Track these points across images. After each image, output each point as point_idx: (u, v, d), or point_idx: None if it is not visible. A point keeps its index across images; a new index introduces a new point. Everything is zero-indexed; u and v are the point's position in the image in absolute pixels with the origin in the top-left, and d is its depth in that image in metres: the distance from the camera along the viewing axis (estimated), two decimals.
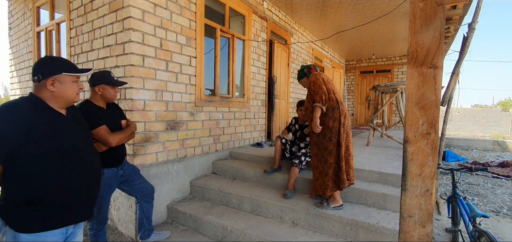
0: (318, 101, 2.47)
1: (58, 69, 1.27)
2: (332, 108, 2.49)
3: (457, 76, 2.90)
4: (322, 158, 2.51)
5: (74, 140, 1.32)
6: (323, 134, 2.48)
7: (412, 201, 1.31)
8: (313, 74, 2.68)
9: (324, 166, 2.49)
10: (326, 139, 2.47)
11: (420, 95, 1.27)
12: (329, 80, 2.63)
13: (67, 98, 1.31)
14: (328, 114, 2.48)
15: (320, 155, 2.52)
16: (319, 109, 2.47)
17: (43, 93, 1.25)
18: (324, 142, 2.48)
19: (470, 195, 4.43)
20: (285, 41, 5.38)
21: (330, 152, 2.46)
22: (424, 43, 1.26)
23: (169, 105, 2.98)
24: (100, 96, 2.07)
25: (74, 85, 1.32)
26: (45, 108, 1.25)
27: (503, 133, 13.43)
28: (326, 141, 2.47)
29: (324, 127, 2.47)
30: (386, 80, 9.21)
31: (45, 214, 1.21)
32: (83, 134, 1.41)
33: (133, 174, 2.35)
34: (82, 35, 3.20)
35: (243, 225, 2.57)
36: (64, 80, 1.28)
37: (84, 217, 1.40)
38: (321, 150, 2.50)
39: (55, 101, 1.28)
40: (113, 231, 3.01)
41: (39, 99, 1.25)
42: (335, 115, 2.47)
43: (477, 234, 2.18)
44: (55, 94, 1.26)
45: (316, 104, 2.48)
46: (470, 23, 2.73)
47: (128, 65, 2.58)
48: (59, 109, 1.30)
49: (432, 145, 1.25)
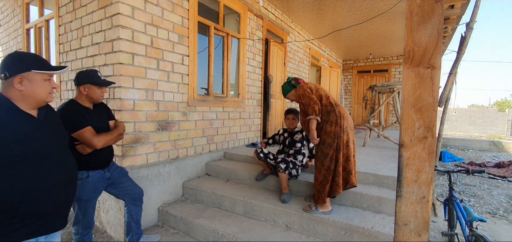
0: (311, 113, 2.40)
1: (28, 66, 1.17)
2: (327, 112, 2.41)
3: (454, 76, 2.85)
4: (322, 165, 2.40)
5: (45, 144, 1.22)
6: (322, 141, 2.40)
7: (407, 209, 1.25)
8: (300, 87, 2.57)
9: (325, 173, 2.38)
10: (325, 145, 2.37)
11: (416, 97, 1.21)
12: (318, 87, 2.56)
13: (37, 98, 1.21)
14: (324, 119, 2.41)
15: (320, 163, 2.41)
16: (314, 121, 2.40)
17: (10, 92, 1.15)
18: (324, 149, 2.37)
19: (467, 196, 4.40)
20: (282, 40, 5.31)
21: (331, 158, 2.36)
22: (421, 42, 1.19)
23: (161, 104, 2.90)
24: (85, 96, 1.98)
25: (45, 84, 1.22)
26: (12, 109, 1.15)
27: (499, 133, 13.49)
28: (326, 148, 2.36)
29: (322, 133, 2.39)
30: (383, 80, 9.17)
31: (12, 225, 1.12)
32: (56, 137, 1.32)
33: (121, 176, 2.27)
34: (70, 32, 3.11)
35: (235, 229, 2.50)
36: (34, 78, 1.18)
37: (55, 227, 1.29)
38: (321, 159, 2.40)
39: (24, 101, 1.18)
40: (102, 234, 2.93)
41: (5, 98, 1.15)
42: (331, 118, 2.38)
43: (474, 238, 2.13)
44: (24, 94, 1.17)
45: (310, 117, 2.40)
46: (468, 22, 2.68)
47: (117, 63, 2.49)
48: (28, 110, 1.20)
49: (429, 149, 1.19)
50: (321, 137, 2.41)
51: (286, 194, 2.73)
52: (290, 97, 2.76)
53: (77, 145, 1.92)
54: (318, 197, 2.43)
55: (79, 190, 1.98)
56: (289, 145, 2.97)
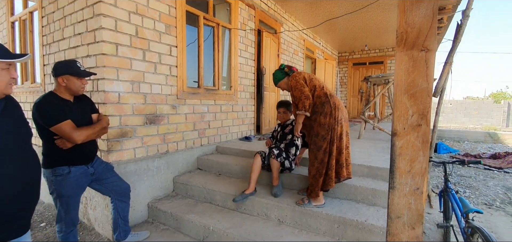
0: (301, 108, 2.32)
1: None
2: (322, 103, 2.31)
3: (450, 66, 2.78)
4: (315, 159, 2.31)
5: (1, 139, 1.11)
6: (316, 133, 2.30)
7: (400, 201, 1.18)
8: (293, 77, 2.45)
9: (319, 167, 2.30)
10: (319, 137, 2.28)
11: (410, 82, 1.13)
12: (312, 77, 2.44)
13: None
14: (318, 111, 2.31)
15: (313, 156, 2.33)
16: (302, 116, 2.35)
17: None
18: (318, 141, 2.28)
19: (462, 187, 4.38)
20: (275, 31, 5.19)
21: (325, 151, 2.27)
22: (415, 22, 1.11)
23: (148, 97, 2.80)
24: (64, 88, 1.88)
25: (3, 74, 1.11)
26: None
27: (494, 124, 13.56)
28: (320, 140, 2.27)
29: (316, 125, 2.30)
30: (378, 72, 9.11)
31: None
32: (16, 133, 1.20)
33: (106, 171, 2.18)
34: (53, 23, 2.98)
35: (226, 224, 2.43)
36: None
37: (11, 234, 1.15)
38: (314, 151, 2.32)
39: None
40: (89, 231, 2.85)
41: None
42: (326, 110, 2.28)
43: (470, 230, 2.08)
44: None
45: (299, 112, 2.33)
46: (464, 10, 2.60)
47: (100, 54, 2.38)
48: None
49: (423, 138, 1.11)
50: (314, 128, 2.32)
51: (277, 187, 2.62)
52: (281, 85, 2.63)
53: (56, 139, 1.83)
54: (311, 190, 2.36)
55: (60, 186, 1.90)
56: (280, 139, 2.88)
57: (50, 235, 2.79)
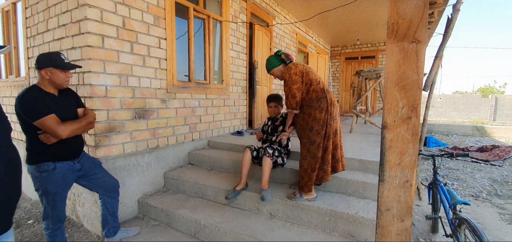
0: (288, 106, 2.31)
1: None
2: (318, 98, 2.26)
3: (440, 59, 2.80)
4: (308, 153, 2.28)
5: None
6: (310, 127, 2.26)
7: (390, 193, 1.17)
8: (288, 70, 2.34)
9: (311, 161, 2.28)
10: (313, 132, 2.25)
11: (400, 74, 1.12)
12: (309, 71, 2.36)
13: None
14: (314, 106, 2.26)
15: (306, 150, 2.30)
16: (292, 114, 2.35)
17: None
18: (311, 135, 2.25)
19: (450, 179, 4.47)
20: (267, 24, 5.14)
21: (318, 145, 2.25)
22: (406, 13, 1.09)
23: (136, 91, 2.73)
24: (48, 81, 1.81)
25: None
26: None
27: (482, 118, 13.90)
28: (314, 135, 2.25)
29: (311, 119, 2.26)
30: (370, 66, 9.18)
31: None
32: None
33: (93, 167, 2.13)
34: (37, 15, 2.87)
35: (218, 219, 2.41)
36: None
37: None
38: (306, 146, 2.29)
39: None
40: (78, 228, 2.79)
41: None
42: (322, 105, 2.25)
43: (458, 221, 2.12)
44: None
45: (288, 110, 2.33)
46: (454, 4, 2.61)
47: (85, 46, 2.30)
48: None
49: (413, 130, 1.11)
50: (308, 123, 2.28)
51: (266, 191, 2.42)
52: (275, 72, 2.49)
53: (40, 134, 1.76)
54: (303, 184, 2.35)
55: (45, 183, 1.85)
56: (271, 132, 2.85)
57: (38, 232, 2.73)
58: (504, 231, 2.79)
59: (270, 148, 2.55)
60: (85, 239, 2.60)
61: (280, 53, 2.47)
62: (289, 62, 2.43)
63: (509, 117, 13.68)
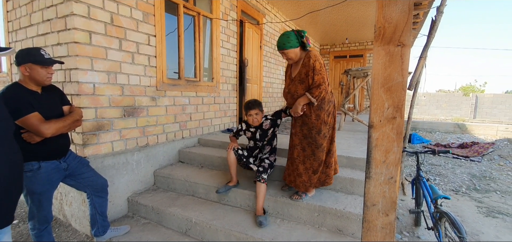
0: (317, 95, 2.08)
1: None
2: (328, 101, 2.20)
3: (424, 60, 2.91)
4: (312, 154, 2.22)
5: None
6: (318, 130, 2.18)
7: (376, 189, 1.23)
8: (316, 58, 2.10)
9: (313, 163, 2.22)
10: (321, 135, 2.18)
11: (386, 76, 1.17)
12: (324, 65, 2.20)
13: None
14: (324, 108, 2.18)
15: (310, 151, 2.22)
16: (307, 100, 2.13)
17: None
18: (319, 139, 2.18)
19: (433, 175, 4.65)
20: (257, 22, 5.15)
21: (323, 149, 2.22)
22: (392, 18, 1.14)
23: (125, 88, 2.69)
24: (28, 78, 1.75)
25: None
26: None
27: (463, 116, 14.46)
28: (321, 138, 2.19)
29: (320, 122, 2.17)
30: (359, 65, 9.35)
31: None
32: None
33: (80, 166, 2.09)
34: (19, 8, 2.77)
35: (209, 216, 2.43)
36: None
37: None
38: (311, 146, 2.21)
39: None
40: (66, 228, 2.74)
41: None
42: (330, 108, 2.21)
43: (438, 214, 2.23)
44: None
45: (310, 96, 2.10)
46: (438, 6, 2.72)
47: (72, 42, 2.24)
48: None
49: (398, 130, 1.16)
50: (316, 125, 2.18)
51: (263, 217, 2.28)
52: (289, 53, 2.17)
53: (23, 133, 1.72)
54: (306, 187, 2.29)
55: (30, 183, 1.81)
56: (260, 138, 2.63)
57: (24, 232, 2.66)
58: (481, 223, 2.95)
59: (263, 169, 2.38)
60: (73, 239, 2.56)
61: (304, 33, 2.16)
62: (308, 47, 2.22)
63: (488, 115, 14.31)
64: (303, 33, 2.16)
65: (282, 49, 2.17)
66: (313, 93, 2.11)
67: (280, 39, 2.17)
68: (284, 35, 2.15)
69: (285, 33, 2.16)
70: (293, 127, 2.34)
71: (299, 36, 2.16)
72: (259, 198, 2.34)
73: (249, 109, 2.49)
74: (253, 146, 2.71)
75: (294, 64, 2.32)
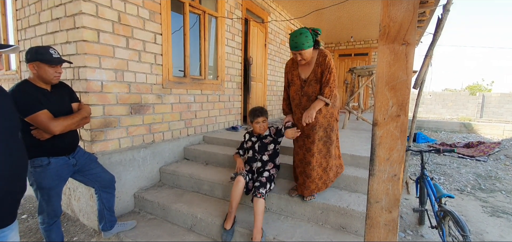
0: (328, 95, 2.06)
1: None
2: (336, 98, 2.23)
3: (430, 58, 2.89)
4: (327, 153, 2.22)
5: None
6: (331, 127, 2.20)
7: (379, 187, 1.25)
8: (329, 58, 2.08)
9: (329, 160, 2.23)
10: (334, 132, 2.23)
11: (390, 75, 1.18)
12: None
13: None
14: (336, 105, 2.22)
15: (326, 150, 2.21)
16: (322, 103, 2.10)
17: None
18: (333, 135, 2.22)
19: (437, 174, 4.63)
20: (262, 20, 5.16)
21: (335, 145, 2.28)
22: (397, 17, 1.15)
23: (132, 86, 2.74)
24: (36, 75, 1.80)
25: None
26: None
27: (469, 115, 14.28)
28: (334, 135, 2.24)
29: (333, 120, 2.21)
30: (363, 63, 9.30)
31: None
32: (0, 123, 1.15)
33: (89, 162, 2.14)
34: (28, 7, 2.82)
35: (214, 212, 2.46)
36: None
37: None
38: (327, 145, 2.21)
39: None
40: (74, 222, 2.80)
41: None
42: (337, 104, 2.28)
43: (442, 213, 2.24)
44: None
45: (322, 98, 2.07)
46: (444, 4, 2.70)
47: (80, 41, 2.29)
48: None
49: (401, 128, 1.18)
50: (330, 123, 2.20)
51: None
52: (305, 53, 2.03)
53: (32, 130, 1.76)
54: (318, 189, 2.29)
55: (40, 178, 1.85)
56: (260, 151, 2.46)
57: (32, 227, 2.72)
58: (486, 223, 2.94)
59: (262, 187, 2.17)
60: (81, 233, 2.62)
61: (320, 32, 2.07)
62: (320, 46, 2.18)
63: (495, 114, 14.11)
64: (318, 31, 2.06)
65: (301, 49, 2.01)
66: (325, 94, 2.07)
67: (297, 39, 2.00)
68: (301, 35, 2.00)
69: (302, 32, 2.01)
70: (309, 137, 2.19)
71: (315, 34, 2.07)
72: (257, 218, 2.05)
73: (256, 116, 2.40)
74: (251, 156, 2.52)
75: (305, 64, 2.21)
